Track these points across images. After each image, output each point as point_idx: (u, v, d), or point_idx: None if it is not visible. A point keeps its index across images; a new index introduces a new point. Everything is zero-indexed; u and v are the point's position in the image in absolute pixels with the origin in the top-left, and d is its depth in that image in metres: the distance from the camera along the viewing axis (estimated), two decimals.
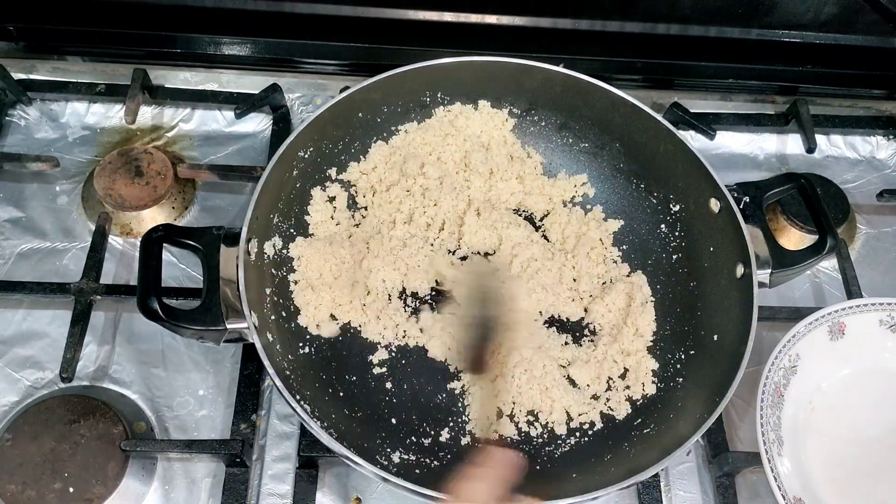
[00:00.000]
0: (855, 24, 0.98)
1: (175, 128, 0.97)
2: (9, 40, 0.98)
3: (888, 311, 0.79)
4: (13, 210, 0.89)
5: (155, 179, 0.89)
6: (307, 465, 0.75)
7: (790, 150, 1.02)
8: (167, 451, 0.75)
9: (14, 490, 0.69)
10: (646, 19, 0.99)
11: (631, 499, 0.76)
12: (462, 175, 0.86)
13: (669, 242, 0.84)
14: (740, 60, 1.02)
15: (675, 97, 1.01)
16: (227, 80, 1.00)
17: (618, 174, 0.88)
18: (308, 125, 0.77)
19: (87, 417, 0.73)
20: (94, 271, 0.82)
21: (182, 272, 0.85)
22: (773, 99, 1.05)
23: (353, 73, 1.00)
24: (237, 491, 0.73)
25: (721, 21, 0.99)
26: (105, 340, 0.81)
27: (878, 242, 0.95)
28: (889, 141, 1.03)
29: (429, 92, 0.85)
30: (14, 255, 0.85)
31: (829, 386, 0.79)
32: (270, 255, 0.76)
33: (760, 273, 0.73)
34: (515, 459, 0.57)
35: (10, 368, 0.79)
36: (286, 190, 0.79)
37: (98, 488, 0.70)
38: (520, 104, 0.87)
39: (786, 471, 0.72)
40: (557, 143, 0.89)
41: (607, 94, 0.82)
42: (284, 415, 0.78)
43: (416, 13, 0.97)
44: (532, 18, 0.98)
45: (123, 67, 0.98)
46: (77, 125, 0.96)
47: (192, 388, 0.79)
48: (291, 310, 0.77)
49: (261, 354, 0.65)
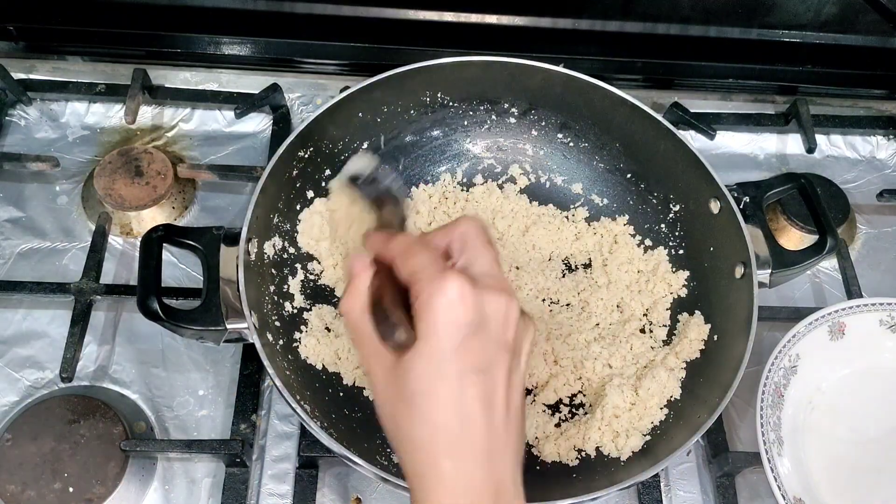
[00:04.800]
0: (855, 24, 0.98)
1: (175, 128, 0.97)
2: (9, 40, 0.98)
3: (888, 311, 0.79)
4: (13, 210, 0.89)
5: (155, 179, 0.89)
6: (307, 465, 0.75)
7: (790, 150, 1.02)
8: (167, 451, 0.75)
9: (14, 490, 0.69)
10: (646, 19, 0.99)
11: (631, 499, 0.76)
12: None
13: (669, 242, 0.84)
14: (740, 60, 1.02)
15: (675, 97, 1.01)
16: (227, 80, 1.00)
17: (618, 174, 0.87)
18: (308, 125, 0.77)
19: (87, 417, 0.73)
20: (94, 271, 0.82)
21: (182, 272, 0.85)
22: (773, 99, 1.05)
23: (353, 73, 1.00)
24: (237, 491, 0.73)
25: (721, 21, 0.99)
26: (105, 340, 0.81)
27: (878, 242, 0.95)
28: (889, 141, 1.03)
29: (429, 92, 0.84)
30: (14, 255, 0.85)
31: (829, 386, 0.79)
32: (270, 255, 0.76)
33: (760, 273, 0.73)
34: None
35: (10, 368, 0.79)
36: (286, 190, 0.79)
37: (98, 488, 0.70)
38: (520, 104, 0.87)
39: (786, 471, 0.72)
40: (557, 143, 0.89)
41: (607, 94, 0.81)
42: (284, 415, 0.78)
43: (416, 13, 0.97)
44: (532, 18, 0.98)
45: (123, 67, 0.98)
46: (77, 125, 0.96)
47: (192, 388, 0.79)
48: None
49: (261, 354, 0.65)
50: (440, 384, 0.45)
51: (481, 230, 0.53)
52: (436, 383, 0.45)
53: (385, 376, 0.48)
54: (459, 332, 0.46)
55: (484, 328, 0.46)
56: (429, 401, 0.46)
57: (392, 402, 0.48)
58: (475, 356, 0.46)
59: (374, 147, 0.85)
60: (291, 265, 0.79)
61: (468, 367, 0.46)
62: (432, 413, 0.46)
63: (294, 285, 0.78)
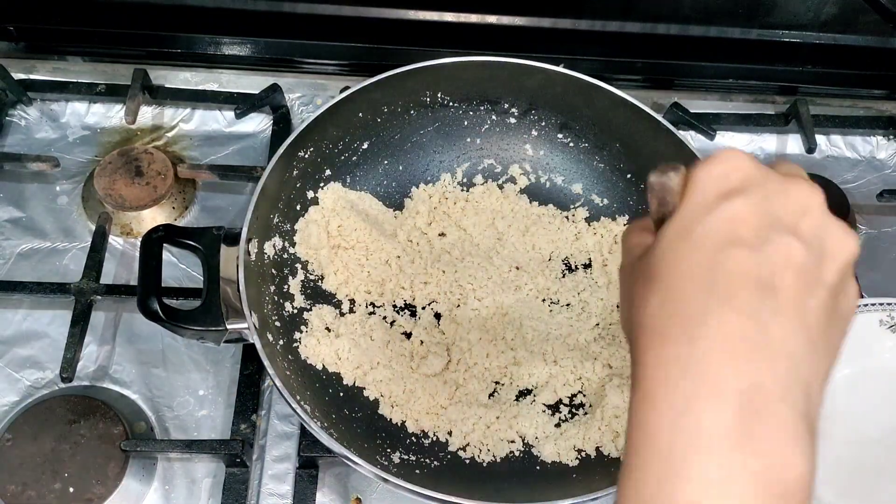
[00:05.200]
0: (855, 24, 0.98)
1: (175, 128, 0.97)
2: (9, 40, 0.98)
3: (888, 311, 0.79)
4: (13, 210, 0.89)
5: (155, 179, 0.89)
6: (307, 465, 0.75)
7: (790, 150, 1.02)
8: (167, 451, 0.75)
9: (14, 490, 0.69)
10: (646, 19, 0.99)
11: None
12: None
13: None
14: (740, 60, 1.02)
15: (675, 97, 1.01)
16: (227, 80, 0.99)
17: (618, 174, 0.87)
18: (308, 125, 0.77)
19: (87, 417, 0.73)
20: (95, 271, 0.82)
21: (182, 272, 0.85)
22: (773, 99, 1.05)
23: (353, 73, 1.00)
24: (237, 491, 0.73)
25: (721, 21, 0.99)
26: (105, 340, 0.81)
27: (878, 242, 0.95)
28: (889, 141, 1.03)
29: (429, 92, 0.84)
30: (14, 255, 0.85)
31: (829, 386, 0.78)
32: (271, 255, 0.76)
33: None
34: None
35: (10, 368, 0.79)
36: (286, 190, 0.79)
37: (98, 488, 0.70)
38: (520, 104, 0.87)
39: None
40: (557, 143, 0.89)
41: (607, 94, 0.81)
42: (284, 415, 0.78)
43: (416, 13, 0.97)
44: (532, 18, 0.98)
45: (124, 67, 0.97)
46: (77, 125, 0.96)
47: (192, 388, 0.79)
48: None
49: (261, 354, 0.65)
50: (683, 247, 0.35)
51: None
52: (678, 247, 0.35)
53: (633, 267, 0.39)
54: (720, 191, 0.35)
55: (765, 202, 0.35)
56: (670, 269, 0.35)
57: (633, 288, 0.38)
58: (740, 225, 0.35)
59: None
60: (292, 265, 0.79)
61: (727, 237, 0.34)
62: (672, 279, 0.35)
63: (294, 285, 0.78)
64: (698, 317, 0.34)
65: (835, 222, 0.37)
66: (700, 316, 0.34)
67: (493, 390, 0.77)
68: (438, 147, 0.89)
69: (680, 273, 0.35)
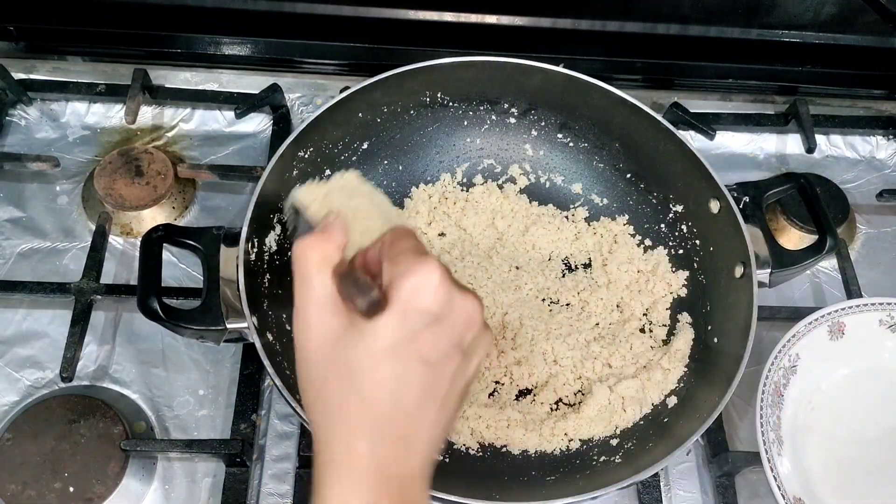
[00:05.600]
0: (855, 24, 0.98)
1: (175, 128, 0.97)
2: (9, 40, 0.98)
3: (888, 311, 0.79)
4: (13, 210, 0.89)
5: (155, 179, 0.89)
6: (307, 465, 0.75)
7: (790, 150, 1.02)
8: (167, 451, 0.75)
9: (14, 490, 0.69)
10: (646, 19, 0.99)
11: (631, 498, 0.76)
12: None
13: (669, 242, 0.85)
14: (740, 60, 1.02)
15: (675, 97, 1.01)
16: (227, 80, 1.00)
17: (618, 174, 0.88)
18: (308, 125, 0.77)
19: (87, 417, 0.73)
20: (95, 271, 0.82)
21: (182, 272, 0.85)
22: (773, 99, 1.05)
23: (353, 73, 1.00)
24: (237, 491, 0.73)
25: (721, 21, 0.99)
26: (105, 340, 0.81)
27: (878, 242, 0.95)
28: (889, 141, 1.03)
29: (429, 92, 0.85)
30: (14, 255, 0.85)
31: (829, 386, 0.79)
32: (271, 255, 0.76)
33: (760, 273, 0.73)
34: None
35: (10, 368, 0.79)
36: (286, 190, 0.78)
37: (98, 488, 0.70)
38: (519, 104, 0.87)
39: (786, 471, 0.72)
40: (557, 143, 0.89)
41: (607, 94, 0.81)
42: (284, 415, 0.78)
43: (416, 13, 0.97)
44: (532, 18, 0.98)
45: (124, 67, 0.98)
46: (77, 125, 0.96)
47: (192, 388, 0.79)
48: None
49: (261, 354, 0.65)
50: (386, 363, 0.45)
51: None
52: (382, 361, 0.45)
53: (326, 339, 0.47)
54: (422, 318, 0.45)
55: (445, 322, 0.46)
56: (368, 376, 0.45)
57: (325, 366, 0.46)
58: (429, 347, 0.45)
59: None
60: (292, 265, 0.79)
61: (418, 356, 0.45)
62: (366, 388, 0.45)
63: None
64: (380, 418, 0.46)
65: (486, 332, 0.49)
66: (381, 418, 0.46)
67: (493, 390, 0.77)
68: (438, 147, 0.89)
69: (375, 382, 0.45)
